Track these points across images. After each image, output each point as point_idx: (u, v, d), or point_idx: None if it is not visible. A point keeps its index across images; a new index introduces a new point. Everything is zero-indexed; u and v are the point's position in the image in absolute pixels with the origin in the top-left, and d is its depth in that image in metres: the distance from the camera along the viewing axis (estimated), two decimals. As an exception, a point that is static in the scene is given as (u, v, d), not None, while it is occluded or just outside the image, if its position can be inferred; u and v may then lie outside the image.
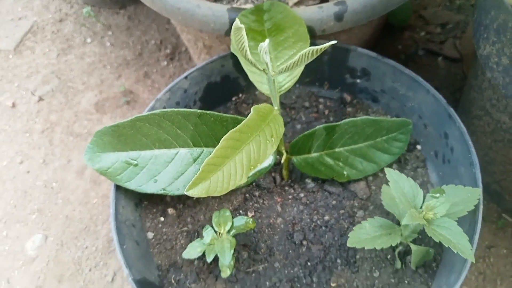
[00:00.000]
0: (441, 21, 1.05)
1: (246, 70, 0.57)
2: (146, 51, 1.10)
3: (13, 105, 1.05)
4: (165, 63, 1.08)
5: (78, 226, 0.87)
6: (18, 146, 0.98)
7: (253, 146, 0.44)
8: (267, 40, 0.41)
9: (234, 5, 0.70)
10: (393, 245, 0.46)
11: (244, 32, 0.41)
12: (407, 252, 0.55)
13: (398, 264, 0.54)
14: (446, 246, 0.42)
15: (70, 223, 0.88)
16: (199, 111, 0.52)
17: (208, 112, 0.53)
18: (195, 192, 0.40)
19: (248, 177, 0.50)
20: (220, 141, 0.42)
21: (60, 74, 1.09)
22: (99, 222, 0.88)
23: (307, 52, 0.44)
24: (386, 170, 0.46)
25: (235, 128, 0.43)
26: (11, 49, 1.13)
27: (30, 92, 1.06)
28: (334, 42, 0.44)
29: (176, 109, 0.52)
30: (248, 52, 0.42)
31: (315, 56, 0.45)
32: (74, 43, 1.14)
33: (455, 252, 0.42)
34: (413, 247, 0.50)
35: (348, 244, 0.46)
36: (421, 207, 0.45)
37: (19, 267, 0.84)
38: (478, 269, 0.77)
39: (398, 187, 0.44)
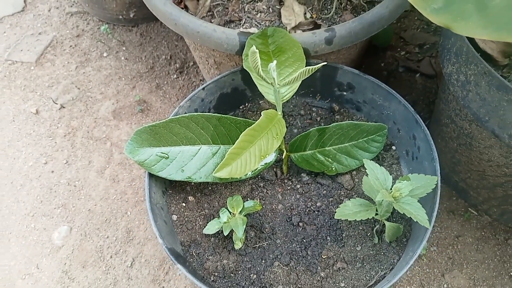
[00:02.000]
0: (419, 42, 1.13)
1: (256, 83, 0.68)
2: (157, 65, 1.19)
3: (37, 112, 1.13)
4: (175, 76, 1.17)
5: (100, 219, 0.96)
6: (43, 149, 1.06)
7: (263, 141, 0.57)
8: (275, 61, 0.54)
9: (241, 28, 0.82)
10: (370, 217, 0.58)
11: (258, 55, 0.53)
12: (383, 231, 0.67)
13: (376, 240, 0.67)
14: (409, 216, 0.54)
15: (92, 216, 0.96)
16: (219, 115, 0.65)
17: (226, 116, 0.65)
18: (221, 174, 0.53)
19: (256, 169, 0.62)
20: (239, 137, 0.55)
21: (79, 84, 1.17)
22: (118, 215, 0.96)
23: (305, 70, 0.56)
24: (364, 161, 0.59)
25: (250, 127, 0.56)
26: (33, 61, 1.21)
27: (52, 101, 1.14)
28: (324, 63, 0.57)
29: (201, 113, 0.64)
30: (260, 69, 0.55)
31: (311, 73, 0.58)
32: (91, 56, 1.22)
33: (415, 221, 0.54)
34: (387, 223, 0.63)
35: (336, 217, 0.59)
36: (391, 189, 0.58)
37: (47, 255, 0.92)
38: (448, 255, 0.87)
39: (373, 173, 0.57)
